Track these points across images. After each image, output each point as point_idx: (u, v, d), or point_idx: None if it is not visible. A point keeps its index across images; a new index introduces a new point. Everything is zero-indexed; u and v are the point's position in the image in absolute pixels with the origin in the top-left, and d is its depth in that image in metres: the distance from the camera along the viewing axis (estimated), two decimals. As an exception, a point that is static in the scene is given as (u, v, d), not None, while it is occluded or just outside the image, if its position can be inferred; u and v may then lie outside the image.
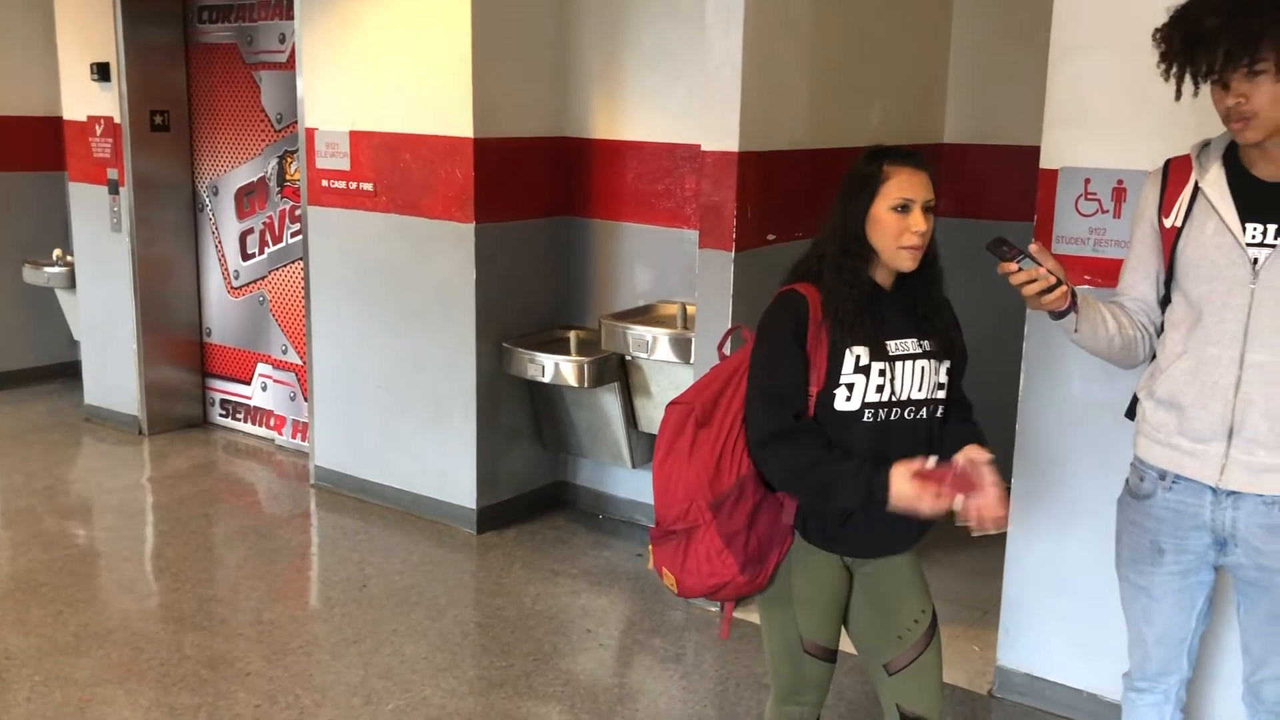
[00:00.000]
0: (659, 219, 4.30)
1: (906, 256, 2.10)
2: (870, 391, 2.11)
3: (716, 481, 2.19)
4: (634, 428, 4.29)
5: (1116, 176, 2.79)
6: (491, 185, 4.24)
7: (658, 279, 4.35)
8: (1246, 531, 2.08)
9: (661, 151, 4.24)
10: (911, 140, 4.38)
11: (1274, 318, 2.00)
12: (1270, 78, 1.92)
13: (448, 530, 4.47)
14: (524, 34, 4.30)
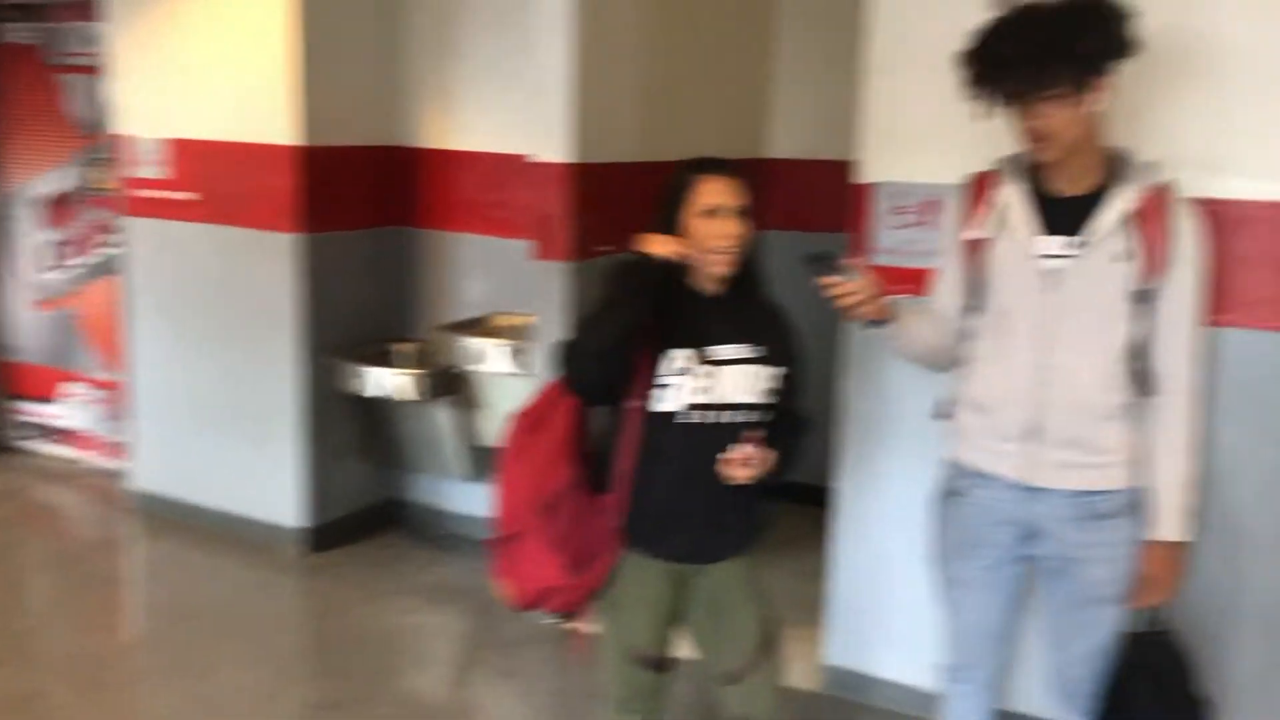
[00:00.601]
0: (493, 229, 4.27)
1: (719, 261, 2.16)
2: (691, 393, 2.15)
3: (544, 485, 2.22)
4: (468, 441, 4.24)
5: (927, 190, 2.92)
6: (318, 194, 4.13)
7: (492, 290, 4.32)
8: (1050, 525, 2.21)
9: (494, 161, 4.22)
10: (738, 155, 4.48)
11: (1068, 324, 2.14)
12: (1065, 102, 2.05)
13: (275, 552, 4.31)
14: (352, 40, 4.21)
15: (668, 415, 2.16)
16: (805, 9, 4.60)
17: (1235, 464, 2.63)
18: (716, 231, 2.16)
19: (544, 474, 2.22)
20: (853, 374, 3.10)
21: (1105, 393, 2.15)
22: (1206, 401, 2.49)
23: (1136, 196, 2.13)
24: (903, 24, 2.87)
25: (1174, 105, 2.59)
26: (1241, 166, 2.55)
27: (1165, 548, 2.23)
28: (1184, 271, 2.15)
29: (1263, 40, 2.50)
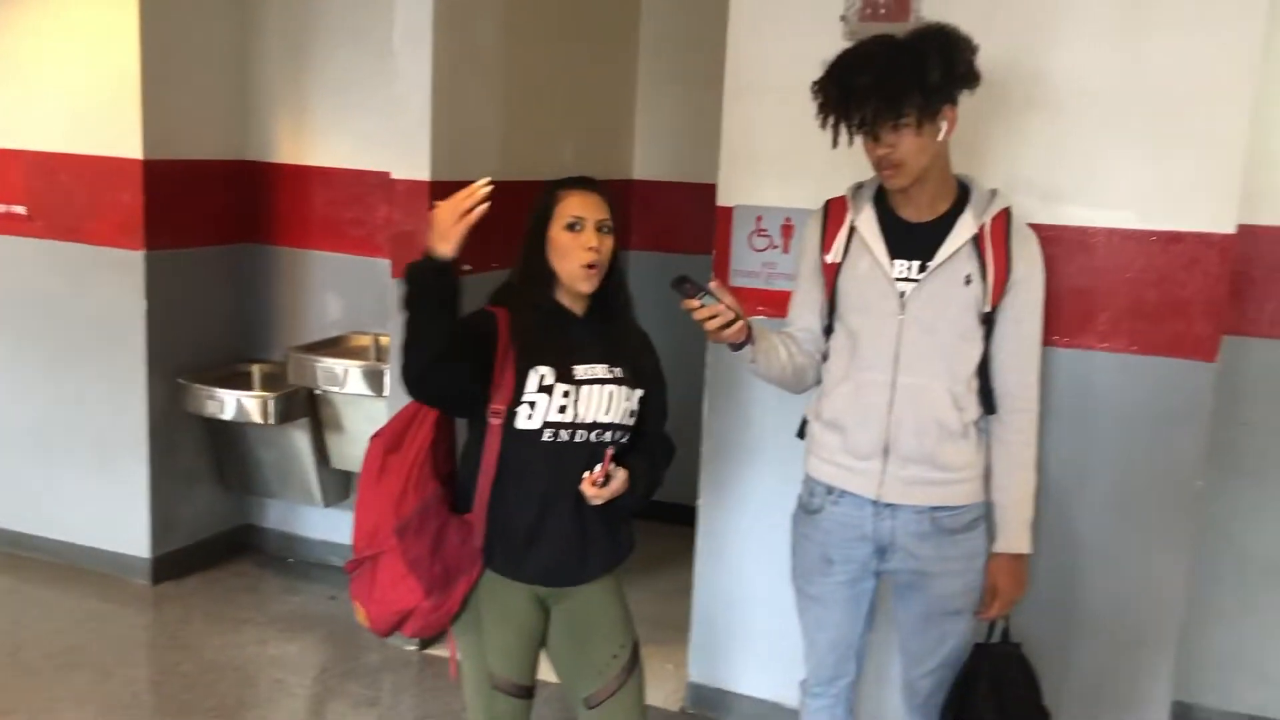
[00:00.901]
0: (350, 247, 4.18)
1: (583, 276, 2.17)
2: (552, 411, 2.14)
3: (402, 505, 2.19)
4: (325, 465, 4.12)
5: (785, 214, 2.98)
6: (164, 210, 3.97)
7: (349, 309, 4.22)
8: (903, 540, 2.27)
9: (351, 178, 4.14)
10: (602, 176, 4.49)
11: (919, 345, 2.21)
12: (913, 130, 2.12)
13: (118, 583, 4.10)
14: (200, 52, 4.07)
15: (528, 433, 2.15)
16: (666, 33, 4.66)
17: (1073, 478, 2.76)
18: (580, 244, 2.16)
19: (402, 494, 2.19)
20: (713, 394, 3.13)
21: (954, 411, 2.22)
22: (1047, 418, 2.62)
23: (981, 222, 2.22)
24: (760, 52, 2.93)
25: (1015, 135, 2.71)
26: (1077, 195, 2.69)
27: (1011, 560, 2.32)
28: (1026, 294, 2.24)
29: (1094, 75, 2.64)
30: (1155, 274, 2.64)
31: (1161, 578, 2.72)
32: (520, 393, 2.14)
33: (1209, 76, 2.55)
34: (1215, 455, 2.92)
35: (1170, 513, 2.70)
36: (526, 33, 3.86)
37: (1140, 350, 2.67)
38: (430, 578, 2.17)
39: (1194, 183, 2.60)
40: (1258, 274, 3.02)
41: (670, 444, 2.35)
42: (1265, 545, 3.11)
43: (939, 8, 2.63)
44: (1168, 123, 2.59)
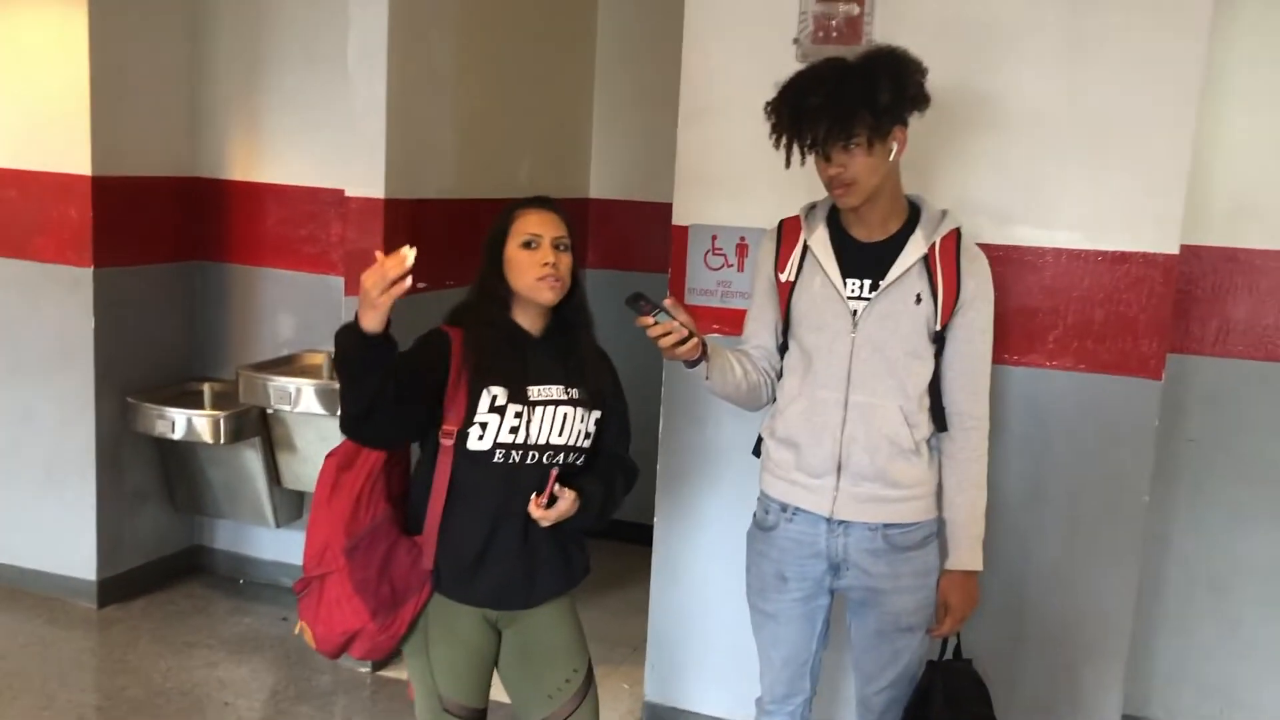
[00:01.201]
0: (303, 265, 4.15)
1: (544, 287, 2.16)
2: (504, 432, 2.13)
3: (353, 524, 2.17)
4: (277, 485, 4.07)
5: (740, 234, 3.00)
6: (114, 227, 3.92)
7: (302, 327, 4.19)
8: (856, 556, 2.28)
9: (304, 196, 4.11)
10: (559, 194, 4.48)
11: (870, 363, 2.23)
12: (864, 150, 2.15)
13: (63, 606, 4.02)
14: (151, 68, 4.03)
15: (479, 454, 2.13)
16: (622, 54, 4.69)
17: (1024, 495, 2.80)
18: (537, 260, 2.16)
19: (353, 514, 2.17)
20: (670, 412, 3.14)
21: (905, 429, 2.24)
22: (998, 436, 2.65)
23: (932, 242, 2.25)
24: (714, 73, 2.96)
25: (965, 157, 2.75)
26: (1026, 215, 2.73)
27: (963, 577, 2.34)
28: (975, 313, 2.27)
29: (1041, 100, 2.69)
30: (1102, 293, 2.69)
31: (1109, 592, 2.77)
32: (472, 413, 2.13)
33: (1151, 102, 2.61)
34: (1161, 470, 2.99)
35: (1117, 527, 2.74)
36: (482, 52, 3.86)
37: (1088, 368, 2.72)
38: (377, 599, 2.15)
39: (1139, 204, 2.65)
40: (1201, 293, 3.09)
41: (633, 466, 2.34)
42: (1209, 558, 3.17)
43: (890, 31, 2.67)
44: (1113, 146, 2.65)
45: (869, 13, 2.79)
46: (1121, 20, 2.61)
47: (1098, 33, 2.63)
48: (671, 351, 2.15)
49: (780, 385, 2.37)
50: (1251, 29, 2.97)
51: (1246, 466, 3.09)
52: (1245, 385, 3.08)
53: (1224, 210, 3.05)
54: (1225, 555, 3.15)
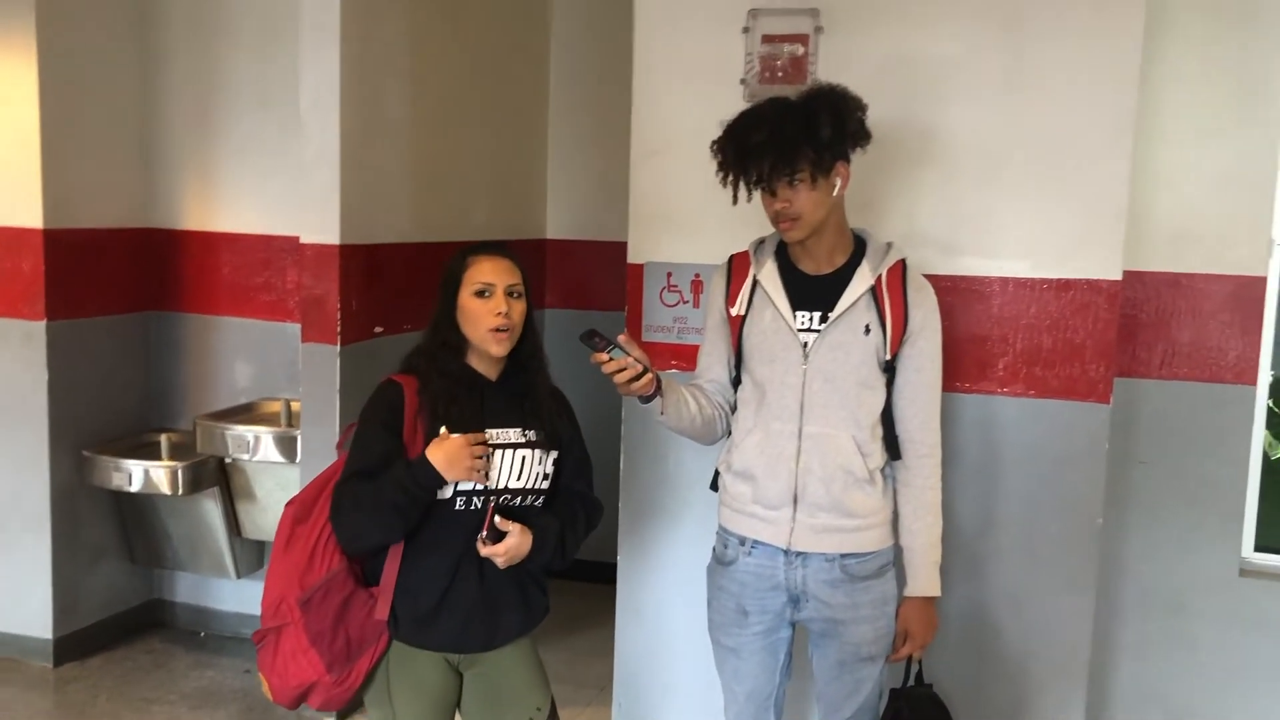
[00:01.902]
0: (259, 312, 4.14)
1: (494, 340, 2.18)
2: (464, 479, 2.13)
3: (307, 576, 2.16)
4: (237, 535, 4.04)
5: (694, 270, 3.03)
6: (67, 279, 3.90)
7: (259, 375, 4.17)
8: (814, 588, 2.30)
9: (259, 243, 4.11)
10: (516, 236, 4.55)
11: (822, 394, 2.26)
12: (808, 185, 2.19)
13: (17, 666, 3.94)
14: (103, 118, 4.03)
15: (440, 503, 2.14)
16: (575, 94, 4.75)
17: (980, 520, 2.83)
18: (490, 309, 2.17)
19: (307, 566, 2.16)
20: (630, 449, 3.15)
21: (859, 458, 2.27)
22: (953, 463, 2.69)
23: (878, 273, 2.29)
24: (665, 114, 2.99)
25: (912, 190, 2.80)
26: (972, 246, 2.79)
27: (922, 603, 2.36)
28: (924, 343, 2.31)
29: (983, 133, 2.75)
30: (1049, 320, 2.75)
31: (1067, 615, 2.79)
32: None
33: (1090, 134, 2.68)
34: (1114, 493, 3.03)
35: (1073, 551, 2.78)
36: (436, 96, 3.90)
37: (1038, 394, 2.77)
38: (332, 652, 2.14)
39: (1081, 232, 2.71)
40: (1146, 318, 3.15)
41: (596, 502, 2.35)
42: (1164, 579, 3.21)
43: (834, 71, 2.72)
44: (1054, 177, 2.71)
45: (813, 53, 2.85)
46: (1057, 57, 2.68)
47: (1035, 68, 2.70)
48: (626, 387, 2.17)
49: (735, 419, 2.39)
50: (1182, 63, 3.05)
51: (1196, 487, 3.14)
52: (1192, 407, 3.14)
53: (1165, 236, 3.12)
54: (1180, 576, 3.19)
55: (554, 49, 4.77)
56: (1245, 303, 3.07)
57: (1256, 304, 3.06)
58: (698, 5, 2.93)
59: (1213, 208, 3.08)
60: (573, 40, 4.75)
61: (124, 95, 4.11)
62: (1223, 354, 3.10)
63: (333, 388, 3.44)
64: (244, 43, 4.07)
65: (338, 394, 3.44)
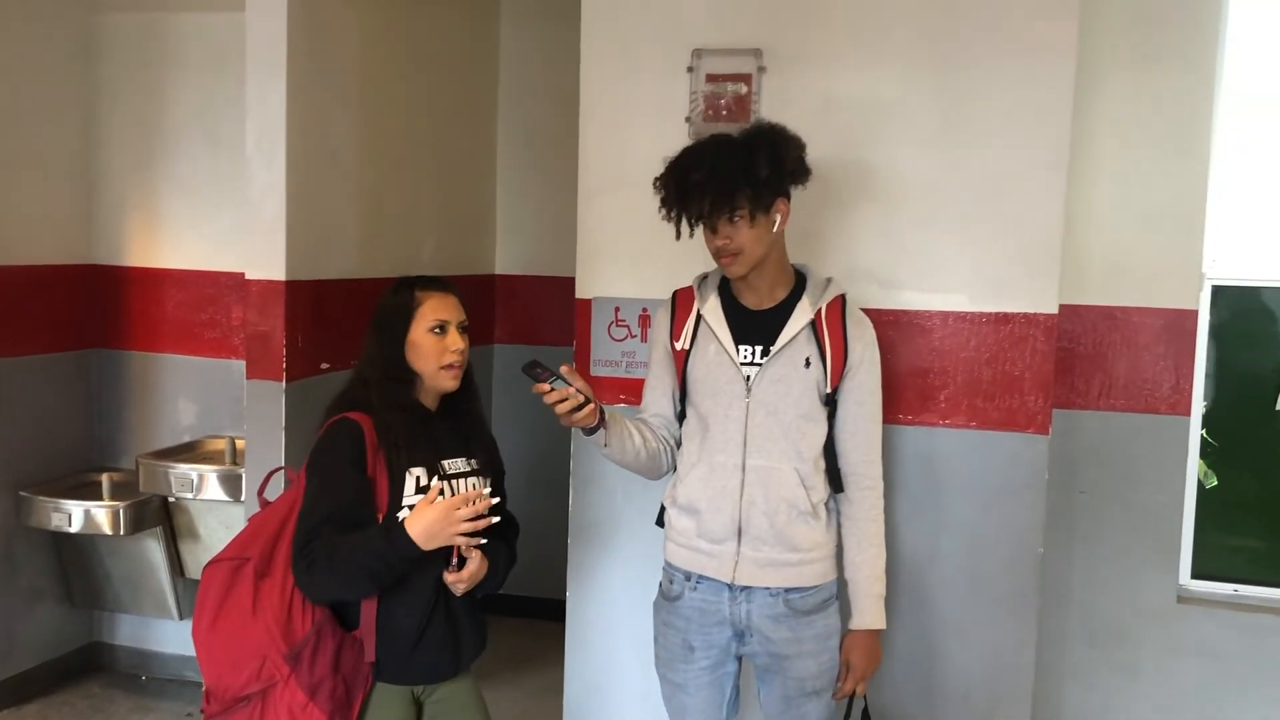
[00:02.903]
0: (204, 350, 4.10)
1: (448, 376, 2.20)
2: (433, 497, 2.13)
3: (290, 632, 2.10)
4: (180, 575, 3.97)
5: (642, 305, 3.05)
6: (6, 317, 3.85)
7: (203, 413, 4.12)
8: (758, 622, 2.31)
9: (205, 280, 4.08)
10: (465, 271, 4.55)
11: (765, 427, 2.28)
12: (748, 222, 2.23)
13: (-49, 714, 3.84)
14: (43, 154, 3.99)
15: None
16: (523, 131, 4.79)
17: (924, 552, 2.86)
18: (446, 346, 2.19)
19: (288, 619, 2.10)
20: (578, 483, 3.15)
21: (802, 491, 2.29)
22: (896, 494, 2.72)
23: (818, 308, 2.33)
24: (611, 151, 3.03)
25: (853, 226, 2.85)
26: (912, 280, 2.84)
27: (866, 635, 2.37)
28: (864, 376, 2.34)
29: (922, 170, 2.81)
30: (988, 353, 2.80)
31: (1010, 644, 2.83)
32: (398, 497, 2.13)
33: (1025, 171, 2.75)
34: (1055, 523, 3.08)
35: (1015, 580, 2.81)
36: (383, 132, 3.90)
37: (979, 425, 2.81)
38: (333, 701, 2.10)
39: (1018, 267, 2.78)
40: (1083, 350, 3.22)
41: (515, 521, 2.38)
42: (1106, 607, 3.26)
43: (776, 110, 2.77)
44: (991, 213, 2.77)
45: (756, 92, 2.90)
46: (992, 98, 2.75)
47: (971, 109, 2.77)
48: (568, 418, 2.18)
49: (680, 453, 2.41)
50: (1114, 105, 3.14)
51: (1135, 516, 3.21)
52: (1129, 437, 3.20)
53: (1100, 271, 3.19)
54: (1121, 604, 3.25)
55: (502, 85, 4.81)
56: (1178, 335, 3.15)
57: (1189, 336, 3.14)
58: (643, 45, 2.98)
59: (1145, 243, 3.16)
60: (521, 77, 4.79)
61: (66, 129, 4.08)
62: (1157, 385, 3.17)
63: (278, 424, 3.41)
64: (190, 77, 4.06)
65: (283, 431, 3.41)
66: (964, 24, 2.77)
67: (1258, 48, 3.10)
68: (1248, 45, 3.09)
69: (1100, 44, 3.04)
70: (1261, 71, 3.11)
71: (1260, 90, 3.13)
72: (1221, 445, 3.27)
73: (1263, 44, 3.10)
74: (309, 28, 3.40)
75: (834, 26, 2.85)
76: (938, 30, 2.78)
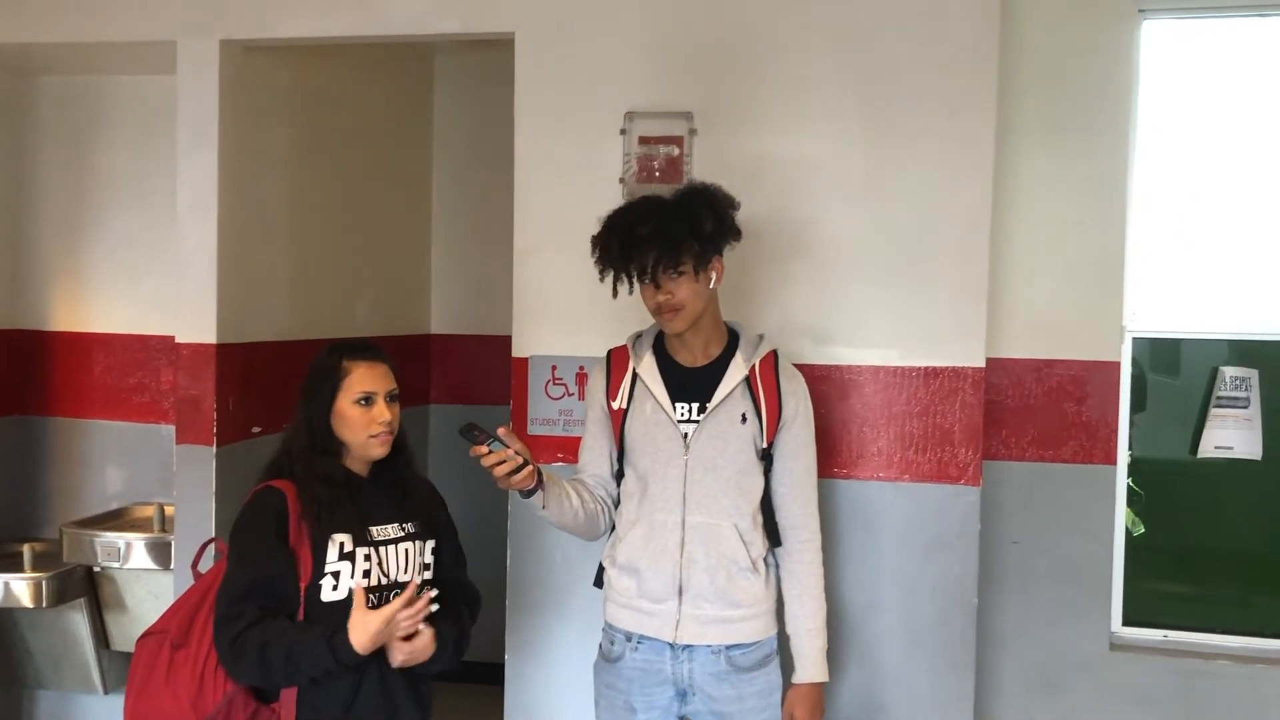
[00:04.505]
0: (132, 415, 4.02)
1: (376, 444, 2.18)
2: (357, 578, 2.10)
3: (200, 702, 2.07)
4: (105, 648, 3.84)
5: (579, 363, 3.06)
6: (-77, 384, 3.74)
7: (132, 480, 4.02)
8: (701, 681, 2.30)
9: (134, 344, 4.00)
10: (400, 331, 4.53)
11: (704, 483, 2.30)
12: (690, 278, 2.26)
13: None
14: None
15: (336, 605, 2.09)
16: (458, 190, 4.80)
17: (863, 604, 2.88)
18: (373, 419, 2.17)
19: (197, 692, 2.07)
20: (516, 545, 3.12)
21: (741, 547, 2.30)
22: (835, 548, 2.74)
23: (752, 364, 2.36)
24: (546, 211, 3.05)
25: (786, 283, 2.90)
26: (844, 336, 2.89)
27: (809, 689, 2.38)
28: (798, 430, 2.38)
29: (851, 228, 2.88)
30: (919, 406, 2.85)
31: (949, 695, 2.85)
32: (321, 565, 2.10)
33: (950, 228, 2.83)
34: (989, 573, 3.11)
35: (952, 631, 2.84)
36: (317, 192, 3.89)
37: (912, 478, 2.85)
38: None
39: (946, 322, 2.84)
40: (1011, 402, 3.28)
41: (475, 592, 2.35)
42: (1041, 656, 3.29)
43: (708, 170, 2.82)
44: (919, 269, 2.85)
45: (688, 154, 2.95)
46: (917, 158, 2.84)
47: (897, 168, 2.85)
48: (506, 480, 2.18)
49: (619, 512, 2.41)
50: (1036, 162, 3.24)
51: (1066, 565, 3.25)
52: (1059, 487, 3.25)
53: (1026, 324, 3.26)
54: (1055, 652, 3.27)
55: (437, 146, 4.82)
56: (1102, 386, 3.22)
57: (1113, 388, 3.22)
58: (577, 106, 3.02)
59: (1069, 297, 3.24)
60: (456, 137, 4.81)
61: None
62: (1084, 436, 3.24)
63: (209, 490, 3.35)
64: (120, 139, 4.01)
65: (214, 496, 3.34)
66: (889, 86, 2.85)
67: (1170, 104, 3.22)
68: (1160, 102, 3.21)
69: (1021, 104, 3.14)
70: (1174, 127, 3.24)
71: (1172, 146, 3.25)
72: (1147, 493, 3.34)
73: (1175, 100, 3.22)
74: (241, 90, 3.39)
75: (763, 89, 2.92)
76: (864, 92, 2.87)
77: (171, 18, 3.33)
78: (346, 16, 3.21)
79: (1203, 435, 3.29)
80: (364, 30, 3.22)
